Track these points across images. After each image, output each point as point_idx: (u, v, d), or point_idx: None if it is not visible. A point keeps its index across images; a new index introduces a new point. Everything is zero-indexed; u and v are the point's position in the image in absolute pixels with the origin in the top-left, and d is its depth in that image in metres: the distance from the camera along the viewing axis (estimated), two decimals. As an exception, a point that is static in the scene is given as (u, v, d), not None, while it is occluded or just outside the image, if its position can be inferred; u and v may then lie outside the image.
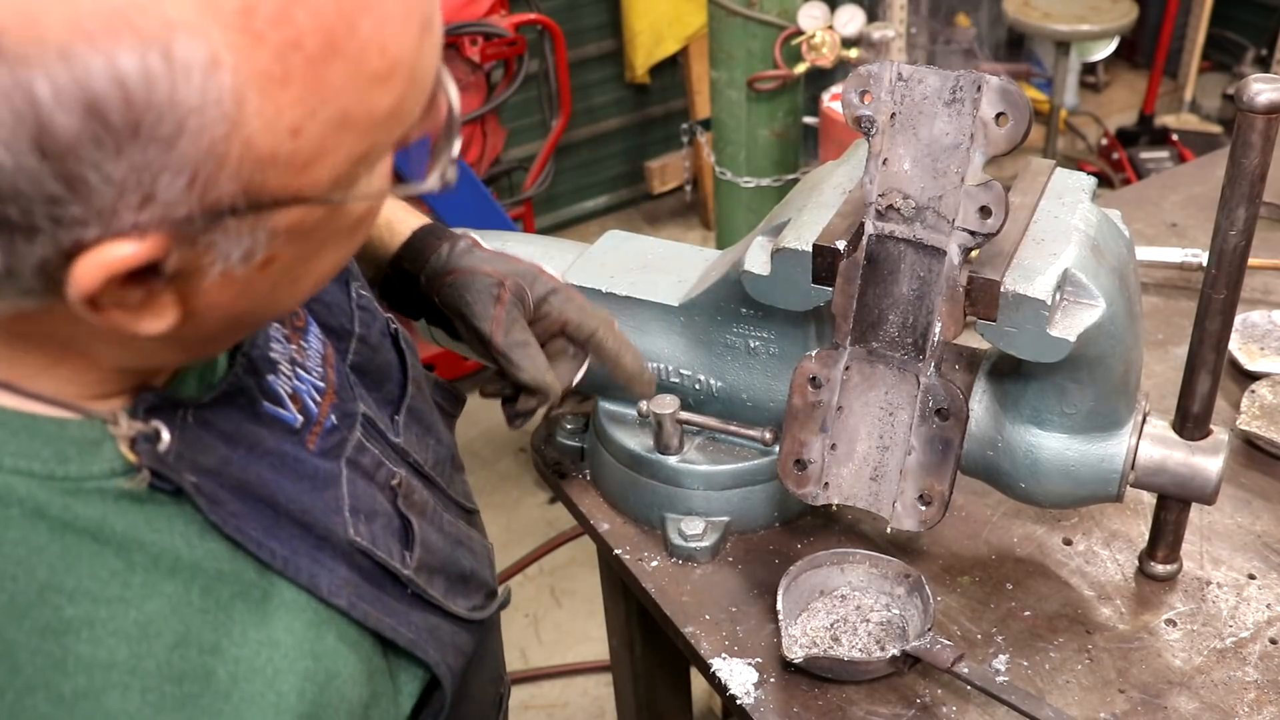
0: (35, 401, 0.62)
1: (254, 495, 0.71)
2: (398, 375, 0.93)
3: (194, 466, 0.67)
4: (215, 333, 0.65)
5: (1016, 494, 1.14)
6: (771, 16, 2.95)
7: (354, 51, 0.54)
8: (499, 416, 1.10)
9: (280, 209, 0.56)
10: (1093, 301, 0.98)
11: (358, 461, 0.82)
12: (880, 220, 1.00)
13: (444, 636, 0.84)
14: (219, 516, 0.67)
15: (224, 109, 0.51)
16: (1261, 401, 1.39)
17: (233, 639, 0.67)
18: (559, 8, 3.64)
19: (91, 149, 0.50)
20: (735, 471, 1.25)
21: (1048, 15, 3.75)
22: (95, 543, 0.62)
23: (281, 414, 0.77)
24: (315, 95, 0.53)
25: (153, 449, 0.65)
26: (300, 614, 0.71)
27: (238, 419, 0.73)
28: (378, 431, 0.87)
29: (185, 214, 0.53)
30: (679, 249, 1.34)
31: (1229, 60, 4.48)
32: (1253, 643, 1.13)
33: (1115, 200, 1.92)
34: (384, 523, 0.82)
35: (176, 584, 0.65)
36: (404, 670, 0.81)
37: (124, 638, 0.62)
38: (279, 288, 0.63)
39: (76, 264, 0.53)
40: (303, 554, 0.72)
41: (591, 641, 2.69)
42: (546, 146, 3.30)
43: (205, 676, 0.65)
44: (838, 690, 1.10)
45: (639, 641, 1.58)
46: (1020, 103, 0.91)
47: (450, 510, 0.94)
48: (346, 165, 0.58)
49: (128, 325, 0.57)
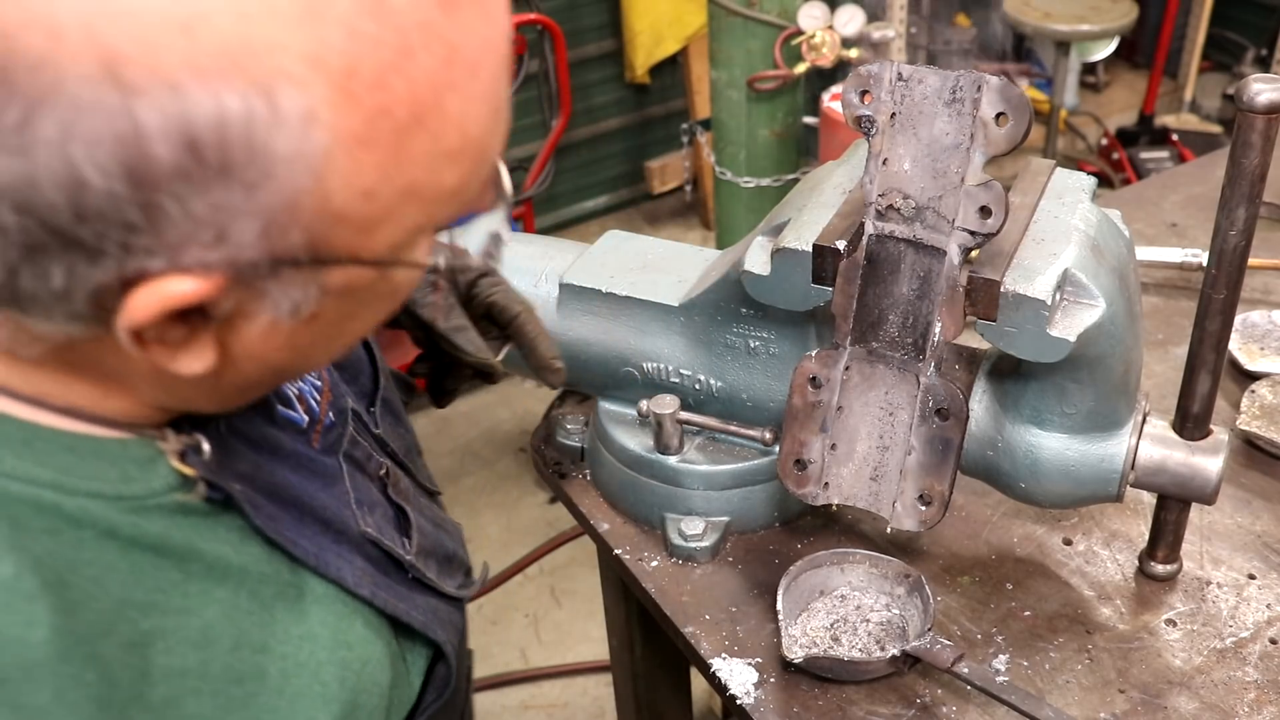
0: (97, 425, 0.64)
1: (282, 497, 0.74)
2: (369, 369, 0.96)
3: (234, 474, 0.70)
4: (248, 384, 0.66)
5: (1016, 494, 1.14)
6: (771, 16, 2.95)
7: (436, 126, 0.56)
8: (499, 416, 1.12)
9: (338, 267, 0.57)
10: (1093, 301, 0.98)
11: (353, 455, 0.84)
12: (880, 220, 1.00)
13: (444, 616, 0.87)
14: (261, 520, 0.70)
15: (311, 162, 0.52)
16: (1261, 401, 1.39)
17: (278, 637, 0.70)
18: (559, 8, 3.64)
19: (179, 182, 0.50)
20: (735, 471, 1.25)
21: (1048, 15, 3.75)
22: (157, 556, 0.64)
23: (292, 415, 0.79)
24: (394, 163, 0.55)
25: (201, 460, 0.67)
26: (331, 606, 0.75)
27: (260, 425, 0.75)
28: (363, 424, 0.90)
29: (251, 259, 0.54)
30: (679, 249, 1.34)
31: (1229, 60, 4.48)
32: (1253, 643, 1.13)
33: (1115, 200, 1.92)
34: (382, 512, 0.85)
35: (227, 589, 0.68)
36: (410, 651, 0.84)
37: (191, 645, 0.64)
38: (316, 345, 0.65)
39: (133, 294, 0.53)
40: (328, 549, 0.76)
41: (591, 641, 2.69)
42: (546, 146, 3.30)
43: (260, 676, 0.68)
44: (838, 690, 1.10)
45: (639, 641, 1.58)
46: (1020, 103, 0.91)
47: (422, 495, 0.97)
48: (405, 234, 0.59)
49: (166, 362, 0.58)
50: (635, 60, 3.91)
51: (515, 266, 1.31)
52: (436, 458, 3.24)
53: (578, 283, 1.27)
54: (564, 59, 3.22)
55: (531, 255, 1.32)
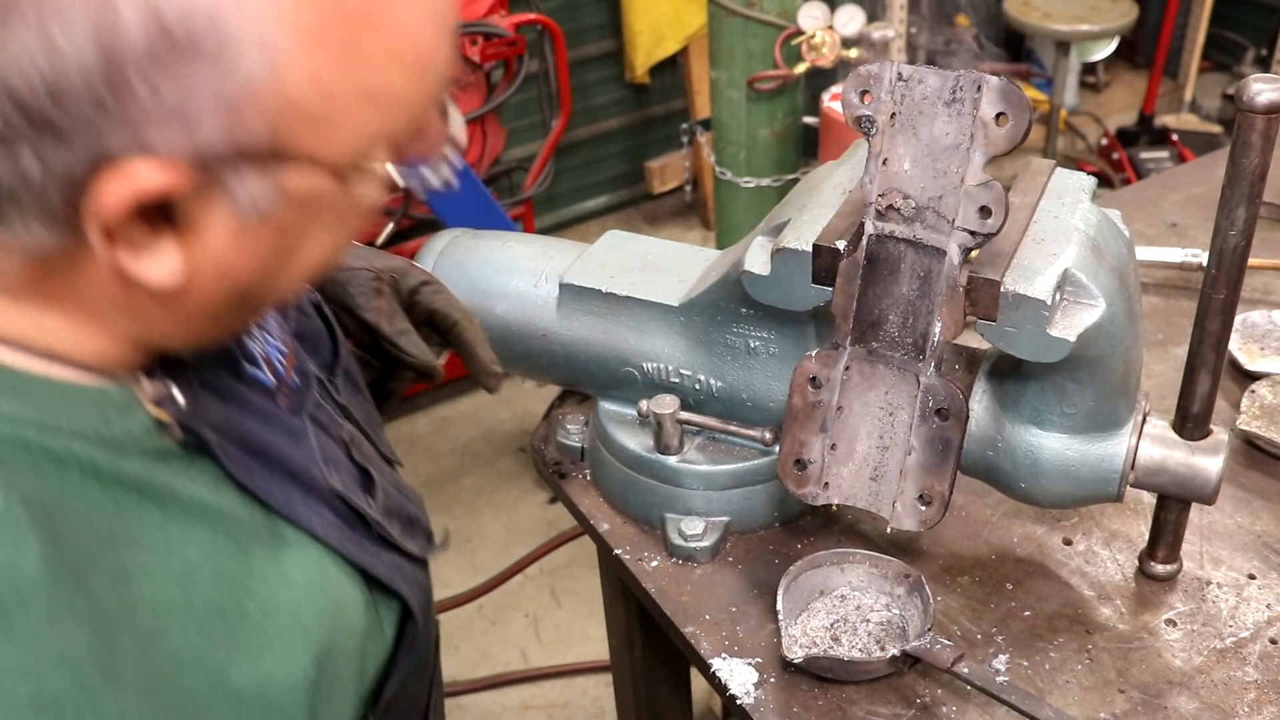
0: (77, 370, 0.66)
1: (252, 448, 0.76)
2: (329, 341, 0.99)
3: (206, 423, 0.72)
4: (216, 309, 0.68)
5: (1016, 494, 1.14)
6: (771, 16, 2.95)
7: (387, 29, 0.60)
8: (499, 416, 1.14)
9: (296, 165, 0.60)
10: (1093, 301, 0.98)
11: (318, 418, 0.87)
12: (880, 220, 1.00)
13: (409, 575, 0.89)
14: (234, 468, 0.72)
15: (272, 52, 0.56)
16: (1261, 401, 1.39)
17: (256, 578, 0.73)
18: (559, 8, 3.64)
19: (148, 62, 0.53)
20: (735, 471, 1.25)
21: (1048, 15, 3.75)
22: (138, 497, 0.67)
23: (259, 375, 0.82)
24: (348, 59, 0.59)
25: (175, 406, 0.70)
26: (305, 551, 0.77)
27: (228, 380, 0.78)
28: (326, 391, 0.93)
29: (214, 147, 0.57)
30: (679, 249, 1.34)
31: (1229, 60, 4.48)
32: (1253, 643, 1.13)
33: (1115, 200, 1.92)
34: (347, 472, 0.87)
35: (205, 530, 0.70)
36: (381, 605, 0.86)
37: (174, 580, 0.67)
38: (278, 264, 0.67)
39: (103, 182, 0.56)
40: (297, 500, 0.78)
41: (591, 641, 2.69)
42: (546, 146, 3.30)
43: (242, 613, 0.71)
44: (838, 690, 1.10)
45: (639, 641, 1.58)
46: (1020, 103, 0.91)
47: (384, 463, 1.01)
48: (361, 141, 0.63)
49: (133, 267, 0.60)
50: (635, 60, 3.91)
51: (515, 266, 1.31)
52: (436, 458, 3.24)
53: (578, 283, 1.27)
54: (564, 59, 3.21)
55: (531, 255, 1.32)
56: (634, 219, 4.28)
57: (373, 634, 0.83)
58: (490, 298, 1.31)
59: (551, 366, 1.32)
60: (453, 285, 1.32)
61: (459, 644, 2.73)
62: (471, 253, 1.34)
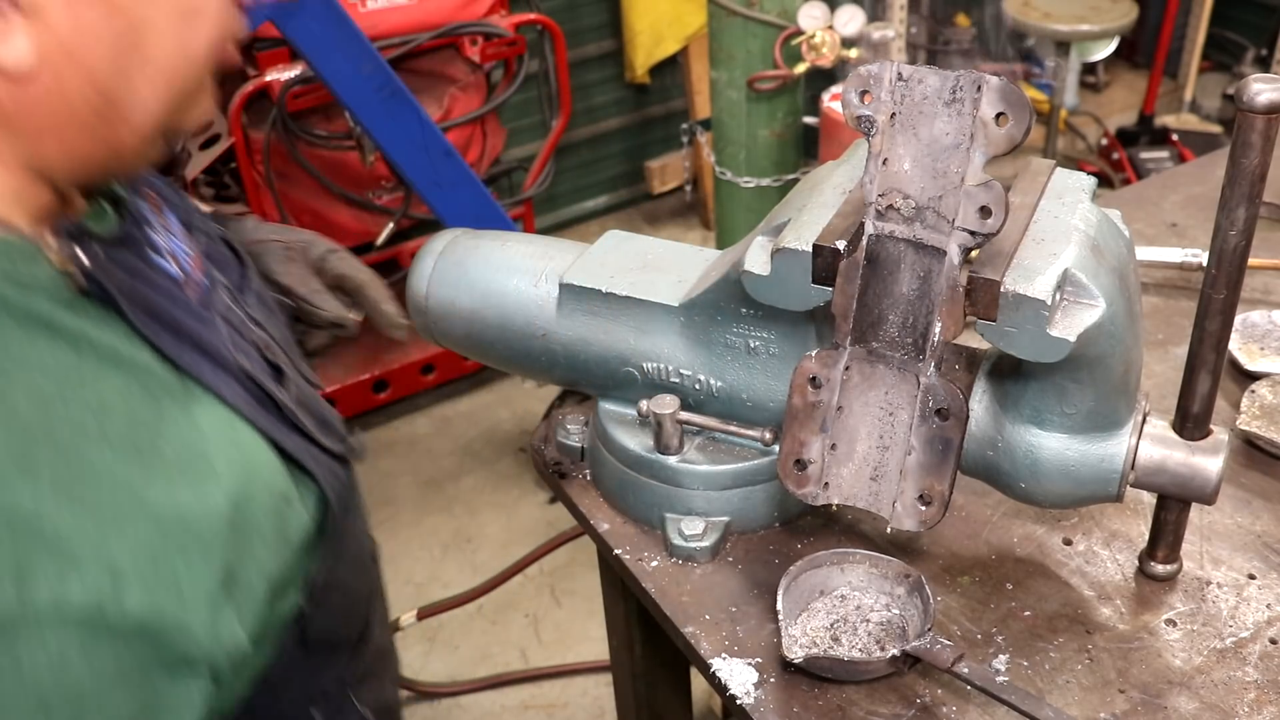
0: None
1: (160, 319, 0.80)
2: (236, 264, 1.04)
3: (112, 282, 0.77)
4: (81, 104, 0.72)
5: (1016, 494, 1.14)
6: (771, 16, 2.95)
7: None
8: (499, 416, 1.15)
9: None
10: (1093, 301, 0.98)
11: (228, 318, 0.92)
12: (880, 220, 1.00)
13: (323, 462, 0.93)
14: (139, 323, 0.77)
15: None
16: (1261, 401, 1.39)
17: (168, 423, 0.77)
18: (559, 8, 3.65)
19: None
20: (735, 471, 1.25)
21: (1048, 15, 3.75)
22: (52, 336, 0.71)
23: (165, 265, 0.87)
24: None
25: (80, 264, 0.74)
26: (214, 410, 0.81)
27: (135, 262, 0.83)
28: (236, 301, 0.97)
29: None
30: (679, 249, 1.34)
31: (1229, 60, 4.48)
32: (1253, 643, 1.13)
33: (1115, 200, 1.92)
34: (258, 364, 0.92)
35: (120, 375, 0.75)
36: (300, 486, 0.88)
37: (89, 410, 0.71)
38: (127, 58, 0.72)
39: None
40: (205, 369, 0.82)
41: (591, 641, 2.69)
42: (546, 146, 3.30)
43: (155, 450, 0.75)
44: (838, 690, 1.10)
45: (639, 641, 1.58)
46: (1020, 103, 0.91)
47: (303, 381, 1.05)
48: None
49: None
50: (635, 60, 3.91)
51: (515, 266, 1.31)
52: (436, 458, 3.25)
53: (578, 283, 1.27)
54: (564, 59, 3.22)
55: (531, 255, 1.32)
56: (634, 219, 4.28)
57: (291, 501, 0.86)
58: (490, 297, 1.31)
59: (551, 366, 1.32)
60: (453, 285, 1.33)
61: (459, 644, 2.73)
62: (471, 253, 1.34)
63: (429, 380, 3.31)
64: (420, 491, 3.14)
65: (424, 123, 2.62)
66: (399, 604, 2.74)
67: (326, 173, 2.95)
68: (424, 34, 2.84)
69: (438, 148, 2.67)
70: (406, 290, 1.36)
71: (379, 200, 3.06)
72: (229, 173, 2.96)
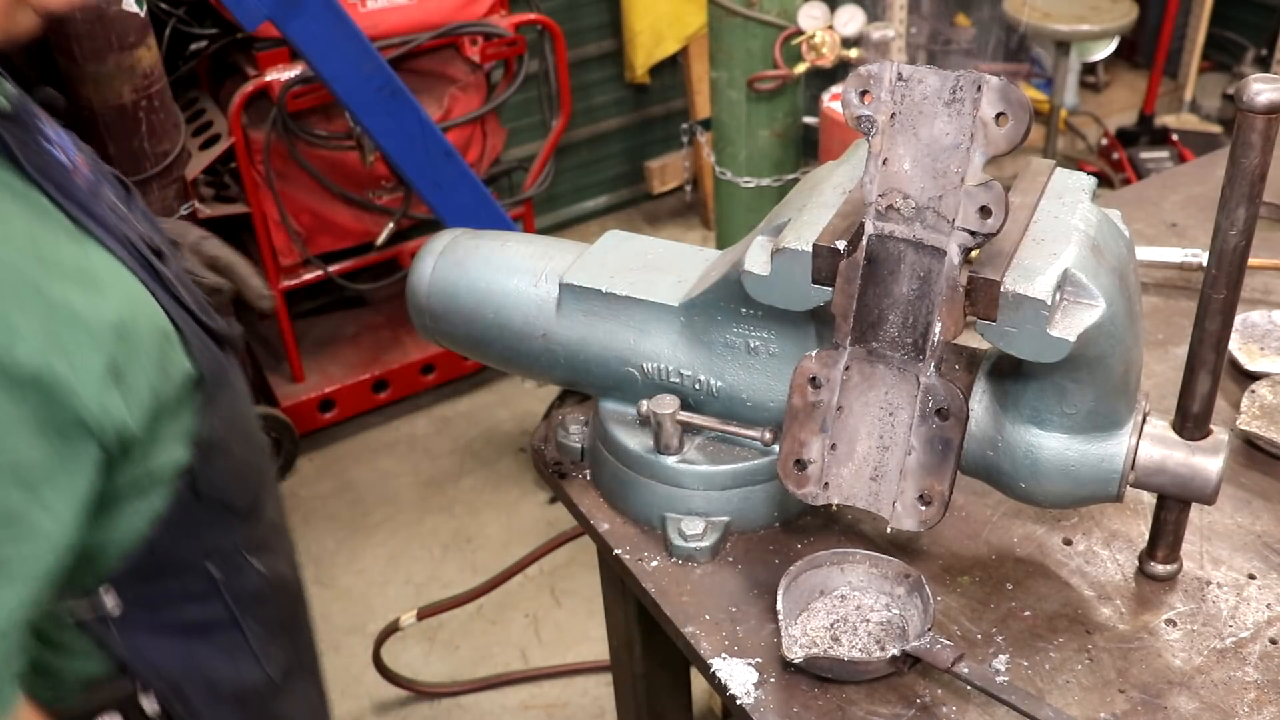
0: None
1: (51, 179, 0.92)
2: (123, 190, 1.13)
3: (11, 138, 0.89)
4: None
5: (1016, 494, 1.14)
6: (771, 16, 2.95)
7: None
8: (499, 416, 1.15)
9: None
10: (1093, 301, 0.98)
11: (114, 209, 1.02)
12: (880, 220, 1.00)
13: (200, 337, 1.03)
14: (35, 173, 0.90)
15: None
16: (1261, 401, 1.39)
17: (64, 252, 0.90)
18: (559, 8, 3.64)
19: None
20: (735, 471, 1.25)
21: (1048, 15, 3.75)
22: None
23: (55, 153, 0.97)
24: None
25: None
26: (107, 257, 0.94)
27: (28, 141, 0.93)
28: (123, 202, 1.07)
29: None
30: (679, 249, 1.34)
31: (1229, 60, 4.48)
32: (1253, 643, 1.13)
33: (1115, 200, 1.92)
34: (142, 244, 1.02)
35: (19, 207, 0.89)
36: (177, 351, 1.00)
37: None
38: None
39: None
40: (94, 226, 0.94)
41: (591, 641, 2.69)
42: (546, 146, 3.30)
43: (56, 261, 0.88)
44: (838, 690, 1.10)
45: (639, 641, 1.58)
46: (1020, 103, 0.91)
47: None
48: None
49: None
50: (635, 60, 3.91)
51: (515, 266, 1.31)
52: (436, 458, 3.24)
53: (578, 283, 1.27)
54: (564, 59, 3.22)
55: (531, 255, 1.32)
56: (634, 219, 4.28)
57: (171, 339, 0.98)
58: (490, 297, 1.31)
59: (551, 366, 1.32)
60: (453, 285, 1.33)
61: (459, 644, 2.73)
62: (471, 253, 1.34)
63: (429, 380, 3.32)
64: (420, 491, 3.14)
65: (424, 123, 2.62)
66: (399, 604, 2.74)
67: (326, 173, 2.95)
68: (424, 34, 2.84)
69: (437, 148, 2.67)
70: (407, 290, 1.36)
71: (379, 200, 3.06)
72: (229, 172, 2.96)
